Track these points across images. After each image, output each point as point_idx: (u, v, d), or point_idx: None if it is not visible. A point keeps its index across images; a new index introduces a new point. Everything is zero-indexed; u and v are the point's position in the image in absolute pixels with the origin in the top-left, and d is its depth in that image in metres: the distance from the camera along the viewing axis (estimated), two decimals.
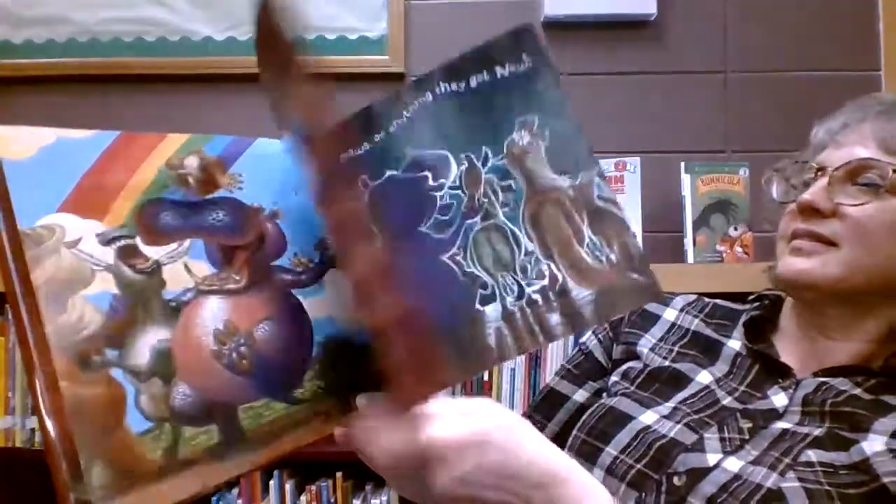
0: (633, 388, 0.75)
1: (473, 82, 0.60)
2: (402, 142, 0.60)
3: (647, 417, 0.70)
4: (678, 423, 0.68)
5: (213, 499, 1.40)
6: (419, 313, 0.54)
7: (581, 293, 0.55)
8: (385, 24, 1.61)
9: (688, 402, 0.71)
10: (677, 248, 1.49)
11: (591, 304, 0.55)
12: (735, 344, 0.76)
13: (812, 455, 0.60)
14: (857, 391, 0.66)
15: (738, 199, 1.45)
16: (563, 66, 1.60)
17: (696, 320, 0.81)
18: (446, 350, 0.57)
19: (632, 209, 1.41)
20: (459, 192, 0.59)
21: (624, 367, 0.78)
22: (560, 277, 0.56)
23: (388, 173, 0.60)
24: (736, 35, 1.61)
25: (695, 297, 0.84)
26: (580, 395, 0.81)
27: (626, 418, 0.70)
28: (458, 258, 0.58)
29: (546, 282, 0.56)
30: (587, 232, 0.56)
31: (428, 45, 1.61)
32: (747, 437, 0.65)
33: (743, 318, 0.78)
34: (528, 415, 0.83)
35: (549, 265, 0.56)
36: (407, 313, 0.52)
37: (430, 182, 0.60)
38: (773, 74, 1.59)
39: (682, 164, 1.48)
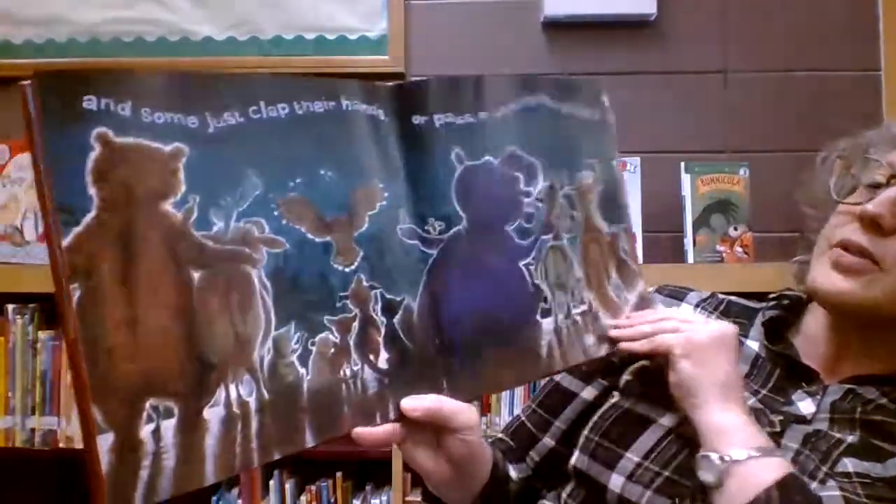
0: (648, 389, 0.70)
1: (564, 109, 0.63)
2: (504, 132, 0.59)
3: (669, 420, 0.65)
4: None
5: (214, 498, 1.41)
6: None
7: (608, 321, 0.65)
8: (385, 24, 1.61)
9: None
10: (677, 248, 1.49)
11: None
12: (753, 344, 0.72)
13: (849, 464, 0.58)
14: (885, 401, 0.63)
15: (738, 199, 1.45)
16: (564, 66, 1.60)
17: (712, 318, 0.76)
18: (507, 351, 0.58)
19: (632, 209, 1.41)
20: (542, 205, 0.61)
21: (637, 364, 0.73)
22: (594, 306, 0.64)
23: (487, 157, 0.58)
24: (736, 35, 1.61)
25: (708, 293, 0.80)
26: (588, 393, 0.76)
27: (646, 420, 0.67)
28: (531, 268, 0.60)
29: (586, 307, 0.64)
30: (614, 273, 0.67)
31: (428, 45, 1.61)
32: (778, 429, 0.62)
33: (760, 318, 0.74)
34: (531, 409, 0.80)
35: (589, 293, 0.64)
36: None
37: (521, 186, 0.60)
38: (773, 74, 1.59)
39: (682, 164, 1.48)
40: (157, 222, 0.43)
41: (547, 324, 0.60)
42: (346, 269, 0.50)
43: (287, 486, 1.39)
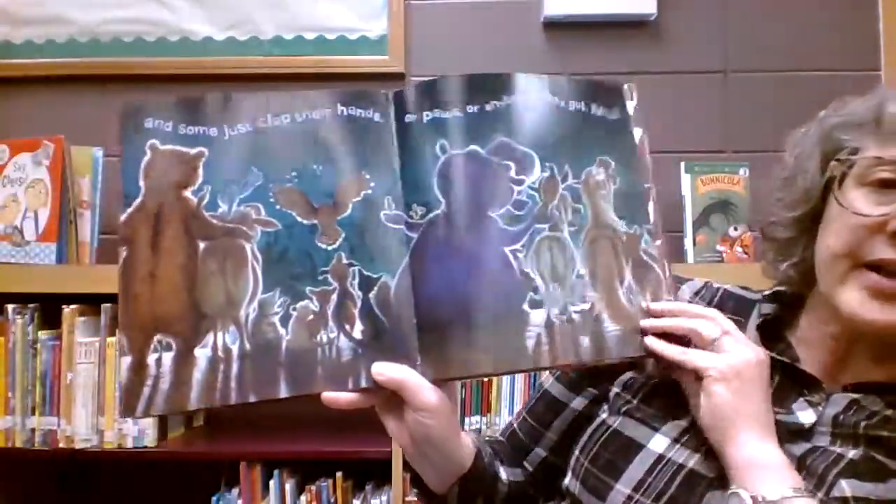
0: (636, 403, 0.67)
1: (572, 106, 0.64)
2: (494, 123, 0.61)
3: (658, 443, 0.63)
4: (694, 449, 0.61)
5: (214, 498, 1.41)
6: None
7: (610, 327, 0.61)
8: (385, 24, 1.61)
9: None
10: (677, 248, 1.49)
11: (616, 339, 0.61)
12: None
13: (846, 488, 0.56)
14: (890, 412, 0.60)
15: (738, 199, 1.45)
16: (564, 66, 1.60)
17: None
18: (483, 335, 0.57)
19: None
20: (537, 195, 0.61)
21: (625, 376, 0.71)
22: (598, 307, 0.61)
23: (472, 147, 0.60)
24: (736, 35, 1.61)
25: (702, 283, 0.76)
26: (578, 403, 0.74)
27: (635, 446, 0.64)
28: (519, 255, 0.59)
29: (587, 307, 0.60)
30: (628, 275, 0.63)
31: (428, 45, 1.61)
32: None
33: (755, 318, 0.70)
34: (522, 417, 0.79)
35: (593, 293, 0.61)
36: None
37: (512, 174, 0.61)
38: (773, 74, 1.59)
39: (682, 164, 1.48)
40: (179, 205, 0.58)
41: (536, 315, 0.59)
42: (329, 248, 0.58)
43: (287, 486, 1.39)
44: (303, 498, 1.39)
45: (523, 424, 0.78)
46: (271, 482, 1.39)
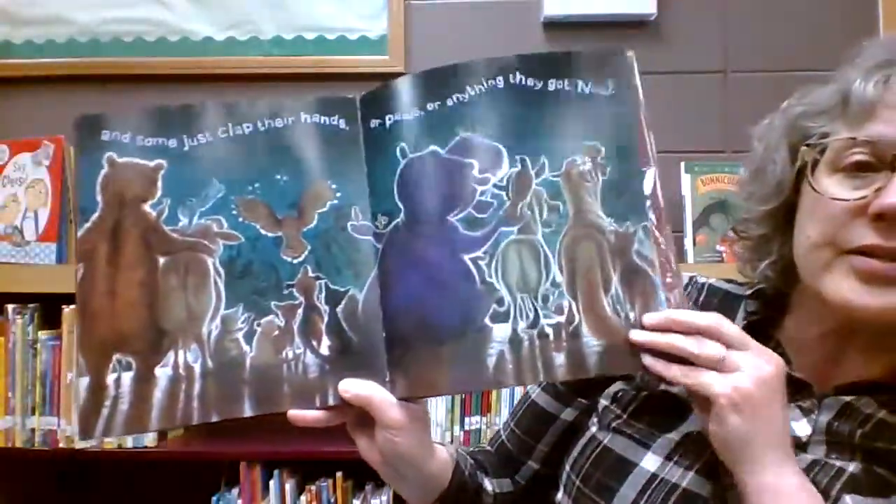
0: (626, 419, 0.65)
1: (551, 85, 0.56)
2: (455, 119, 0.56)
3: (651, 462, 0.60)
4: (688, 467, 0.59)
5: (214, 498, 1.41)
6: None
7: (591, 341, 0.53)
8: (385, 24, 1.61)
9: (692, 435, 0.60)
10: (677, 248, 1.48)
11: (597, 355, 0.53)
12: None
13: (850, 503, 0.54)
14: (883, 413, 0.58)
15: (738, 199, 1.45)
16: None
17: None
18: (440, 352, 0.54)
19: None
20: (504, 194, 0.55)
21: (613, 388, 0.68)
22: (577, 319, 0.53)
23: (432, 147, 0.56)
24: (736, 35, 1.61)
25: (686, 278, 0.72)
26: (568, 414, 0.72)
27: (627, 465, 0.61)
28: (481, 263, 0.54)
29: (563, 318, 0.53)
30: (615, 282, 0.54)
31: (428, 45, 1.61)
32: None
33: (741, 318, 0.67)
34: (510, 429, 0.76)
35: (570, 302, 0.54)
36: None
37: (475, 172, 0.55)
38: (773, 74, 1.59)
39: (682, 164, 1.48)
40: (137, 220, 0.56)
41: (500, 329, 0.53)
42: (294, 261, 0.56)
43: (287, 486, 1.39)
44: (303, 498, 1.39)
45: (512, 436, 0.76)
46: (271, 482, 1.38)
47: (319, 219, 0.57)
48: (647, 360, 0.53)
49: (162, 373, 0.54)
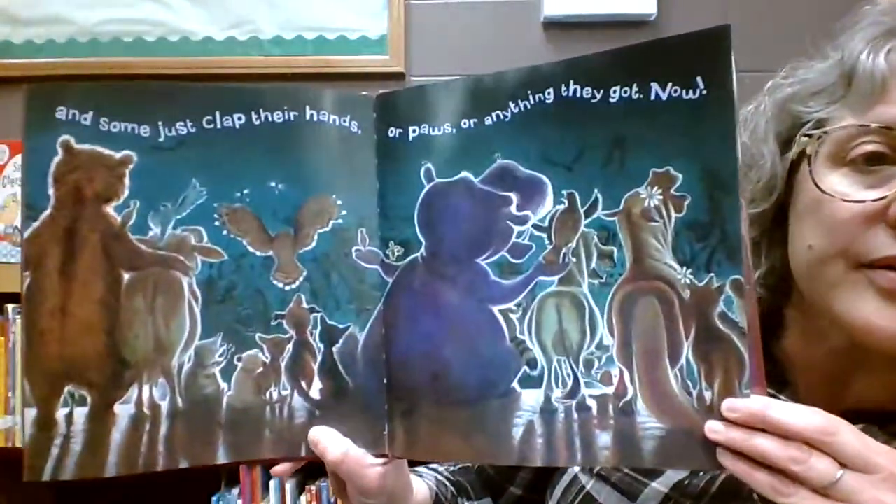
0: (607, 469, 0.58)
1: (614, 95, 0.44)
2: (494, 141, 0.47)
3: None
4: None
5: (214, 499, 1.41)
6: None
7: (649, 422, 0.42)
8: (385, 24, 1.61)
9: (682, 487, 0.53)
10: None
11: (656, 440, 0.42)
12: None
13: None
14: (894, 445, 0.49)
15: None
16: None
17: None
18: (459, 415, 0.46)
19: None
20: (545, 236, 0.46)
21: None
22: (630, 392, 0.43)
23: (464, 174, 0.47)
24: (736, 35, 1.61)
25: None
26: None
27: None
28: (512, 316, 0.46)
29: (611, 390, 0.43)
30: (687, 351, 0.42)
31: (428, 45, 1.61)
32: None
33: None
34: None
35: (622, 371, 0.43)
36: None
37: (513, 209, 0.46)
38: (773, 74, 1.59)
39: None
40: (98, 223, 0.47)
41: (530, 396, 0.45)
42: (286, 288, 0.48)
43: (287, 486, 1.39)
44: (303, 498, 1.39)
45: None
46: (271, 482, 1.39)
47: (319, 240, 0.49)
48: (726, 460, 0.40)
49: (122, 410, 0.46)
